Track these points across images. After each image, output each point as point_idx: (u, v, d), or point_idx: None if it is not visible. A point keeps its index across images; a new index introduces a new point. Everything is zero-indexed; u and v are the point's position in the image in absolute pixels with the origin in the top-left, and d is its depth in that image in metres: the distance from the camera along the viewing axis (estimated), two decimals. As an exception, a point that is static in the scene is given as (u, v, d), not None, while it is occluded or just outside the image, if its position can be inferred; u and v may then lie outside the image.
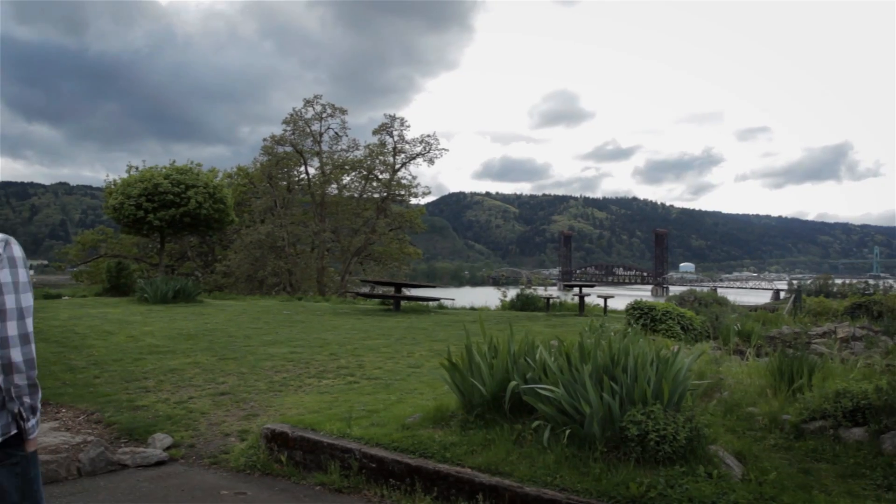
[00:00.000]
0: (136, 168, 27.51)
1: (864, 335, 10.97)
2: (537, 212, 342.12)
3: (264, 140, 31.71)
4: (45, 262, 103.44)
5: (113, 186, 20.74)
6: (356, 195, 34.04)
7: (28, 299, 2.46)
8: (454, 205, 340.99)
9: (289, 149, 31.66)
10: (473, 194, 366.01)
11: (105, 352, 10.27)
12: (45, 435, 6.50)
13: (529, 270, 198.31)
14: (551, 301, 19.23)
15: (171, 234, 20.77)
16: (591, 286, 18.52)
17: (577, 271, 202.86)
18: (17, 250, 2.46)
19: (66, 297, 19.25)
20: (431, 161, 32.51)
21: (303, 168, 33.18)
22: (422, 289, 20.33)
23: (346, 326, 14.28)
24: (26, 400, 2.47)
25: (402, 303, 17.68)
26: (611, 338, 4.87)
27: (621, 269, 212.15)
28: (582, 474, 4.33)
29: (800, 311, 15.90)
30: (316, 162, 32.94)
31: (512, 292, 23.23)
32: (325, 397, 7.28)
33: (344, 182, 33.72)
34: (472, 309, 20.44)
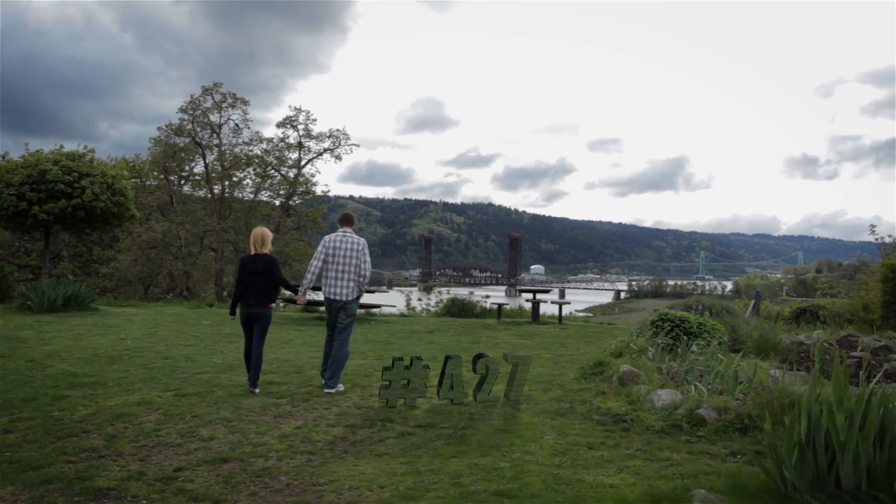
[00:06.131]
0: (3, 157, 23.09)
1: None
2: (399, 215, 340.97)
3: (158, 128, 27.32)
4: None
5: (-14, 173, 16.41)
6: (251, 194, 30.24)
7: None
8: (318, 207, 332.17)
9: (186, 139, 27.45)
10: (338, 197, 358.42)
11: (3, 385, 7.08)
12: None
13: (391, 272, 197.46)
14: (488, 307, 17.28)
15: (60, 229, 16.71)
16: (547, 292, 16.64)
17: (437, 273, 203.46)
18: None
19: (-80, 305, 15.02)
20: (339, 157, 29.38)
21: (200, 161, 28.92)
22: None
23: (296, 341, 11.60)
24: None
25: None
26: None
27: (477, 270, 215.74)
28: None
29: (760, 316, 14.88)
30: (214, 155, 28.81)
31: (415, 295, 20.99)
32: (391, 463, 4.77)
33: (236, 179, 29.79)
34: (403, 316, 18.10)
